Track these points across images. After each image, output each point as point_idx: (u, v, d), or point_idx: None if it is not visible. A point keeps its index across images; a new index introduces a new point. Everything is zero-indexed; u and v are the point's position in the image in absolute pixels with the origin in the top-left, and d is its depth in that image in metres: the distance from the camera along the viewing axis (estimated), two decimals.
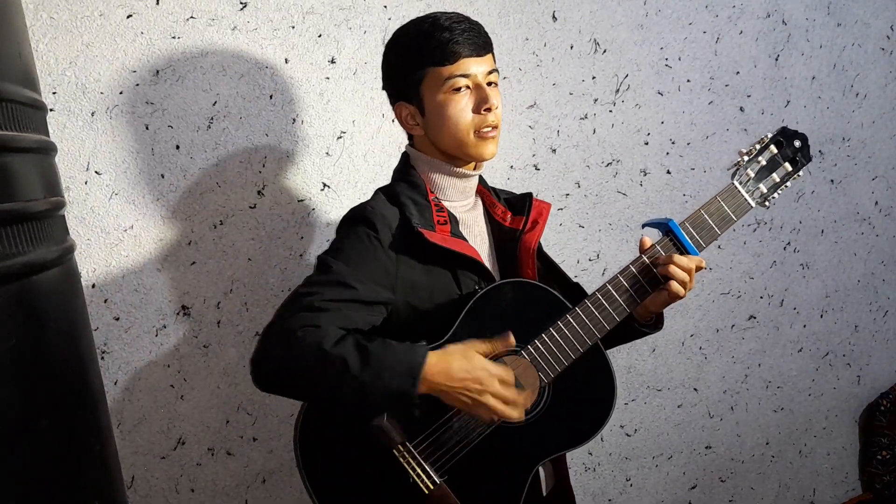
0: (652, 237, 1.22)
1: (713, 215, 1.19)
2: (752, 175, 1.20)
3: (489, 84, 1.17)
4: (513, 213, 1.30)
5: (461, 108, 1.15)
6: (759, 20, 2.15)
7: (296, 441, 1.12)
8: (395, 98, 1.23)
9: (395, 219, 1.15)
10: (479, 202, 1.31)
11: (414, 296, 1.15)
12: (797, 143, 1.23)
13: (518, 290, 1.17)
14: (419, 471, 1.09)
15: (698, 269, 1.17)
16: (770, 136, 1.23)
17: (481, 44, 1.16)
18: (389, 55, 1.22)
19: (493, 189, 1.35)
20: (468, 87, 1.15)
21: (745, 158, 1.21)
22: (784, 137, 1.23)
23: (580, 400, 1.19)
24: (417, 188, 1.20)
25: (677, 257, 1.15)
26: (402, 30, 1.20)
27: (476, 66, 1.15)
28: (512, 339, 1.09)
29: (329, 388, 1.03)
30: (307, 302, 1.06)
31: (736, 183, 1.20)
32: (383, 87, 1.26)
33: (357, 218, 1.15)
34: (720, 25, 2.09)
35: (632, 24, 1.95)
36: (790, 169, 1.23)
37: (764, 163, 1.21)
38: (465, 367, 1.05)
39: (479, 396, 1.05)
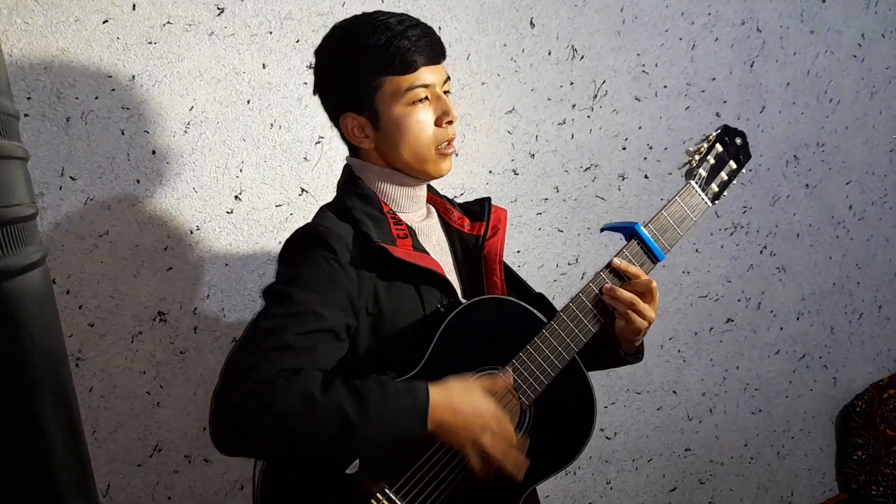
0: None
1: (674, 216, 1.19)
2: (705, 175, 1.22)
3: (445, 93, 1.10)
4: (470, 220, 1.23)
5: (423, 121, 1.07)
6: (734, 27, 2.19)
7: None
8: (339, 108, 1.11)
9: (350, 236, 1.05)
10: (433, 210, 1.24)
11: (377, 319, 1.05)
12: (738, 141, 1.24)
13: (491, 307, 1.10)
14: None
15: (649, 291, 1.12)
16: (715, 134, 1.23)
17: (438, 51, 1.08)
18: (333, 60, 1.09)
19: (445, 196, 1.28)
20: (427, 98, 1.07)
21: (696, 157, 1.22)
22: (727, 135, 1.24)
23: (561, 419, 1.13)
24: (370, 201, 1.11)
25: (619, 291, 1.10)
26: (347, 32, 1.08)
27: (433, 76, 1.07)
28: (511, 377, 1.04)
29: (323, 441, 0.92)
30: (277, 339, 0.93)
31: (693, 183, 1.21)
32: (318, 93, 1.15)
33: (310, 240, 1.03)
34: (696, 32, 2.12)
35: (609, 30, 1.97)
36: (734, 166, 1.25)
37: (713, 162, 1.23)
38: (468, 400, 0.98)
39: (480, 435, 0.98)
